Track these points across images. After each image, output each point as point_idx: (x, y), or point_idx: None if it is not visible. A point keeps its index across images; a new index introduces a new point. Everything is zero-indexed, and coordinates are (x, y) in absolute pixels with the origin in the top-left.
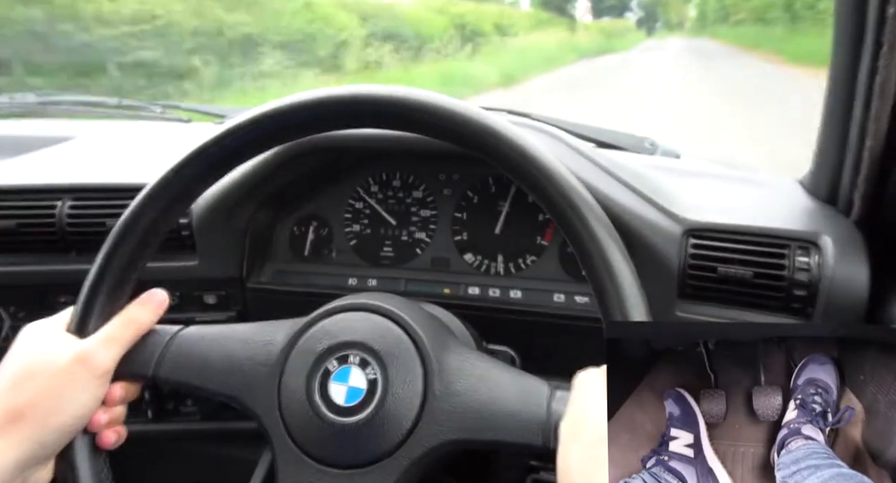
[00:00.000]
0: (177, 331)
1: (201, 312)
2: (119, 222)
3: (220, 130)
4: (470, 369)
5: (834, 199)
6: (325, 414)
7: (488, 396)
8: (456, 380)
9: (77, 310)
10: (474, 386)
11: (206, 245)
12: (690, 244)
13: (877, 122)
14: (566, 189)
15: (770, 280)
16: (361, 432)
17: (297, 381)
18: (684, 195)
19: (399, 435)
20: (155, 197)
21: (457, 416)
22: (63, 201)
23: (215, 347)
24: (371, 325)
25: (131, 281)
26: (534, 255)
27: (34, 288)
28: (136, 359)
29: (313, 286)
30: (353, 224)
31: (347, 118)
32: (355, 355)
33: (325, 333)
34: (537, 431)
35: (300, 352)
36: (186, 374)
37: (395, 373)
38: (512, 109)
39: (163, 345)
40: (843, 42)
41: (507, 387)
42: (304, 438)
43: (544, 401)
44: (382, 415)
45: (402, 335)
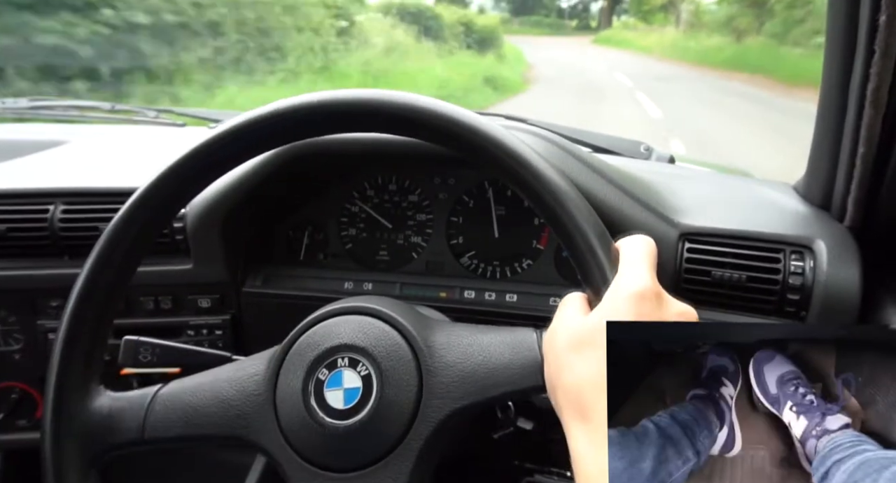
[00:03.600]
0: (156, 390)
1: (195, 316)
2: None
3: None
4: (457, 340)
5: (827, 205)
6: (329, 423)
7: (481, 358)
8: (446, 353)
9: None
10: (465, 353)
11: (200, 249)
12: (686, 248)
13: (869, 129)
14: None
15: (764, 284)
16: (368, 429)
17: (292, 400)
18: (679, 200)
19: (405, 419)
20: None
21: (456, 386)
22: (55, 205)
23: (201, 394)
24: (351, 325)
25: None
26: (529, 259)
27: (26, 292)
28: (119, 427)
29: (308, 290)
30: (349, 228)
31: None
32: (343, 358)
33: (308, 346)
34: (535, 372)
35: (288, 372)
36: (179, 428)
37: (386, 363)
38: (509, 114)
39: (144, 407)
40: (836, 49)
41: (497, 344)
42: (315, 455)
43: (534, 343)
44: (384, 406)
45: (383, 327)
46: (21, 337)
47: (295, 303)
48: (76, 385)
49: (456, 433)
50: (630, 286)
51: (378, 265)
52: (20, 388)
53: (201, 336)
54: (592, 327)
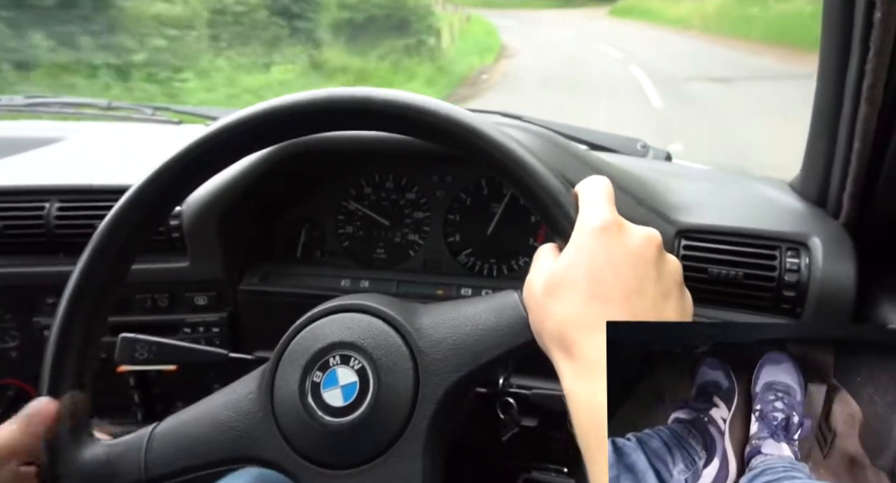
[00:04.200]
0: (152, 429)
1: (192, 314)
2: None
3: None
4: (442, 317)
5: (823, 201)
6: (333, 422)
7: (469, 328)
8: (434, 331)
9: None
10: (452, 326)
11: (197, 246)
12: (682, 245)
13: (865, 125)
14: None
15: (760, 281)
16: (371, 420)
17: (292, 408)
18: (676, 197)
19: (407, 403)
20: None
21: (450, 360)
22: (51, 203)
23: (199, 423)
24: (336, 324)
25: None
26: (526, 257)
27: (22, 289)
28: (120, 472)
29: (305, 288)
30: (346, 226)
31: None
32: (334, 356)
33: (297, 353)
34: (522, 328)
35: (282, 382)
36: (183, 460)
37: (377, 353)
38: (505, 112)
39: (143, 447)
40: (832, 46)
41: (482, 312)
42: (326, 456)
43: (517, 302)
44: (384, 394)
45: (369, 319)
46: (17, 334)
47: (292, 300)
48: (67, 443)
49: (460, 411)
50: (592, 221)
51: (375, 263)
52: (16, 385)
53: (198, 333)
54: (564, 268)
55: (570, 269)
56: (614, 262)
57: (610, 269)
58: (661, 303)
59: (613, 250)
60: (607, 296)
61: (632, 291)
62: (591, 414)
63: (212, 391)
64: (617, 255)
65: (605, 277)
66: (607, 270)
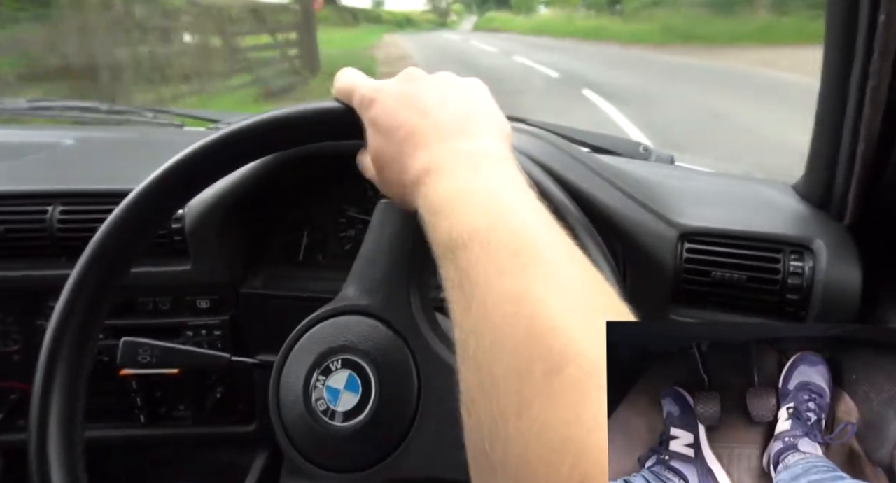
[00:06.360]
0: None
1: (194, 317)
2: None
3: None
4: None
5: (826, 204)
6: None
7: None
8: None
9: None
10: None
11: (199, 250)
12: (685, 248)
13: (868, 128)
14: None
15: (764, 284)
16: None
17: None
18: (678, 200)
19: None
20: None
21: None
22: (54, 207)
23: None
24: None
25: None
26: None
27: (24, 293)
28: None
29: (307, 291)
30: (348, 229)
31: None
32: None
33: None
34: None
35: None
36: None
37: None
38: (508, 115)
39: None
40: (835, 48)
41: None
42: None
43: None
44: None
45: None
46: (19, 337)
47: (294, 304)
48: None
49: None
50: (365, 111)
51: None
52: (20, 388)
53: (200, 337)
54: (376, 149)
55: (378, 145)
56: (396, 113)
57: (397, 118)
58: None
59: (388, 110)
60: (411, 135)
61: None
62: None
63: (214, 394)
64: (392, 107)
65: (399, 124)
66: (396, 119)
